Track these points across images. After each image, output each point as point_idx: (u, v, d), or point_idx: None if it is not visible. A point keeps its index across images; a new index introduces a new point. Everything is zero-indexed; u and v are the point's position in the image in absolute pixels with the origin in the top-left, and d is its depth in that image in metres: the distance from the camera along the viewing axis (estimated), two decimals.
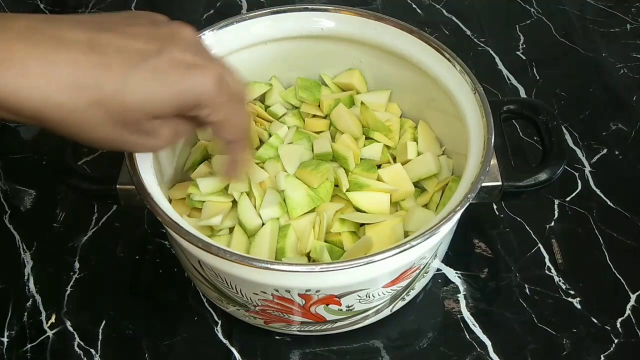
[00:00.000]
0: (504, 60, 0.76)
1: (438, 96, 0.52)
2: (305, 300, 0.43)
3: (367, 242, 0.46)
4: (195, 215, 0.50)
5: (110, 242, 0.58)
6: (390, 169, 0.52)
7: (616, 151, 0.66)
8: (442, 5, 0.84)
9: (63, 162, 0.47)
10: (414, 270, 0.45)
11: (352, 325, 0.50)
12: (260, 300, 0.44)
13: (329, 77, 0.59)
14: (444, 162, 0.53)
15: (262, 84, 0.58)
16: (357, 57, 0.57)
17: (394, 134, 0.56)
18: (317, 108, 0.57)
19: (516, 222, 0.60)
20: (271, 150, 0.52)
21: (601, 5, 0.84)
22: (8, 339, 0.52)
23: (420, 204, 0.52)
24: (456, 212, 0.40)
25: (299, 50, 0.56)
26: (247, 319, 0.50)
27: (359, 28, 0.53)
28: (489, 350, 0.51)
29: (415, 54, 0.52)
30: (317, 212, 0.50)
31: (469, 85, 0.48)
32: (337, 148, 0.53)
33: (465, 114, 0.48)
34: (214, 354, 0.51)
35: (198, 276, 0.47)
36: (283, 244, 0.47)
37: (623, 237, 0.59)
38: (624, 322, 0.53)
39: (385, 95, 0.57)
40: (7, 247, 0.58)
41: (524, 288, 0.55)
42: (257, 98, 0.58)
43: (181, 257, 0.49)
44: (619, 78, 0.74)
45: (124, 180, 0.45)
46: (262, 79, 0.59)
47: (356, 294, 0.43)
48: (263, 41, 0.55)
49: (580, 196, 0.62)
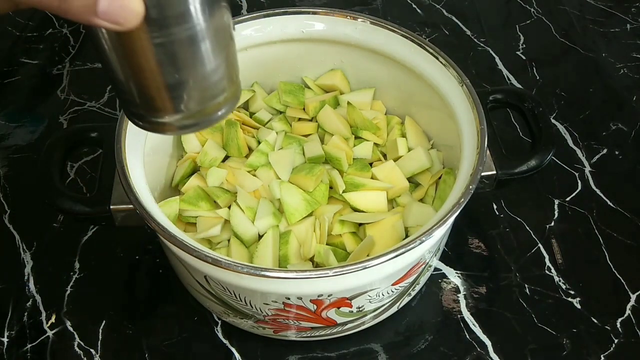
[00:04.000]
0: (504, 60, 0.76)
1: (422, 91, 0.52)
2: (317, 306, 0.43)
3: (371, 241, 0.46)
4: (190, 231, 0.50)
5: (110, 242, 0.58)
6: (384, 166, 0.52)
7: (616, 151, 0.66)
8: (442, 5, 0.84)
9: (52, 187, 0.45)
10: (420, 265, 0.45)
11: (361, 327, 0.50)
12: (270, 310, 0.44)
13: (311, 80, 0.59)
14: (434, 156, 0.53)
15: (245, 91, 0.58)
16: (339, 57, 0.57)
17: (382, 132, 0.56)
18: (303, 111, 0.57)
19: (516, 222, 0.60)
20: (262, 158, 0.52)
21: (601, 5, 0.84)
22: (8, 339, 0.52)
23: (416, 198, 0.52)
24: (461, 204, 0.41)
25: (280, 55, 0.56)
26: (254, 330, 0.50)
27: (339, 29, 0.53)
28: (489, 350, 0.51)
29: (399, 50, 0.52)
30: (315, 216, 0.50)
31: (455, 79, 0.48)
32: (329, 150, 0.53)
33: (453, 107, 0.48)
34: (214, 354, 0.51)
35: (202, 291, 0.46)
36: (286, 251, 0.47)
37: (623, 237, 0.59)
38: (624, 322, 0.53)
39: (370, 94, 0.58)
40: (7, 247, 0.58)
41: (524, 288, 0.55)
42: (240, 105, 0.58)
43: (183, 274, 0.48)
44: (619, 78, 0.74)
45: (117, 200, 0.44)
46: (244, 86, 0.58)
47: (367, 294, 0.43)
48: (244, 48, 0.54)
49: (580, 196, 0.62)
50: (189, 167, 0.53)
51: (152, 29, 0.30)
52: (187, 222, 0.50)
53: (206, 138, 0.55)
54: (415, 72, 0.51)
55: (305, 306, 0.43)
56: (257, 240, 0.49)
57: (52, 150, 0.47)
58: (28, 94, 0.73)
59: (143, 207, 0.41)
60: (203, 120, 0.35)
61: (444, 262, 0.57)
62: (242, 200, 0.49)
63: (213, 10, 0.31)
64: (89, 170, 0.64)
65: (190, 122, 0.35)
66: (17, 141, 0.67)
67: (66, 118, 0.69)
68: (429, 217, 0.47)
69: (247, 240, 0.48)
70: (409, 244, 0.39)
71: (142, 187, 0.43)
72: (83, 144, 0.50)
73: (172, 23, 0.30)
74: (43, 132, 0.68)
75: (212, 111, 0.35)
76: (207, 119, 0.35)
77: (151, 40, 0.30)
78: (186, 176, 0.53)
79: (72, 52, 0.77)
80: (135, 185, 0.42)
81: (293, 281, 0.40)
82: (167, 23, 0.30)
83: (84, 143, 0.50)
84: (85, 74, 0.74)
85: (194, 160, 0.54)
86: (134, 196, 0.41)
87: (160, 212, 0.42)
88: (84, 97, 0.71)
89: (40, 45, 0.78)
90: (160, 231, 0.40)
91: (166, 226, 0.40)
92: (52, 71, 0.75)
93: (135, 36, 0.30)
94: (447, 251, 0.57)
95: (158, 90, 0.33)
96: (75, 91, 0.72)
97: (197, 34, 0.31)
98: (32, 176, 0.63)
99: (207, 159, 0.53)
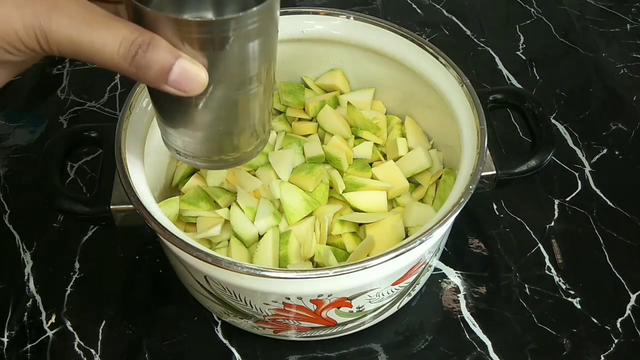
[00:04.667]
0: (504, 60, 0.76)
1: (422, 91, 0.52)
2: (317, 306, 0.43)
3: (371, 242, 0.46)
4: (190, 230, 0.50)
5: (110, 242, 0.58)
6: (384, 166, 0.52)
7: (616, 151, 0.66)
8: (442, 5, 0.84)
9: (51, 186, 0.45)
10: (420, 265, 0.45)
11: (361, 326, 0.50)
12: (270, 310, 0.44)
13: (311, 80, 0.59)
14: (434, 156, 0.53)
15: None
16: (339, 57, 0.57)
17: (382, 132, 0.56)
18: (303, 111, 0.57)
19: (516, 222, 0.60)
20: (262, 157, 0.52)
21: (601, 5, 0.84)
22: (8, 339, 0.52)
23: (416, 198, 0.52)
24: (461, 204, 0.41)
25: (280, 55, 0.56)
26: (254, 330, 0.50)
27: (339, 29, 0.53)
28: (489, 350, 0.51)
29: (399, 50, 0.52)
30: (315, 216, 0.50)
31: (455, 79, 0.48)
32: (329, 150, 0.53)
33: (453, 107, 0.48)
34: (214, 354, 0.51)
35: (203, 291, 0.46)
36: (286, 251, 0.47)
37: (623, 237, 0.59)
38: (624, 322, 0.53)
39: (370, 94, 0.57)
40: (7, 247, 0.58)
41: (524, 288, 0.55)
42: None
43: (183, 274, 0.48)
44: (619, 78, 0.74)
45: (117, 200, 0.44)
46: None
47: (367, 294, 0.43)
48: None
49: (580, 196, 0.62)
50: (189, 167, 0.53)
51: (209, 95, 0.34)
52: (187, 222, 0.50)
53: None
54: (415, 72, 0.51)
55: (305, 306, 0.43)
56: (257, 240, 0.49)
57: (52, 150, 0.47)
58: (28, 94, 0.73)
59: (143, 207, 0.41)
60: (240, 160, 0.40)
61: (444, 262, 0.57)
62: (242, 200, 0.49)
63: (263, 81, 0.35)
64: (89, 170, 0.64)
65: (228, 162, 0.40)
66: (17, 141, 0.67)
67: (66, 118, 0.69)
68: (429, 217, 0.47)
69: (247, 240, 0.48)
70: (409, 244, 0.39)
71: (142, 187, 0.43)
72: (83, 144, 0.50)
73: (229, 92, 0.34)
74: (43, 132, 0.68)
75: (249, 154, 0.40)
76: (242, 160, 0.41)
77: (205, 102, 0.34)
78: (186, 176, 0.53)
79: None
80: (135, 185, 0.42)
81: (293, 281, 0.40)
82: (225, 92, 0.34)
83: (84, 143, 0.50)
84: (85, 74, 0.74)
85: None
86: (134, 196, 0.41)
87: (160, 212, 0.42)
88: (84, 97, 0.71)
89: None
90: (160, 231, 0.40)
91: (166, 226, 0.40)
92: (52, 71, 0.75)
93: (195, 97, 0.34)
94: (447, 251, 0.57)
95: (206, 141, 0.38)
96: (75, 91, 0.72)
97: (248, 100, 0.35)
98: (32, 176, 0.63)
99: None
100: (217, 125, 0.36)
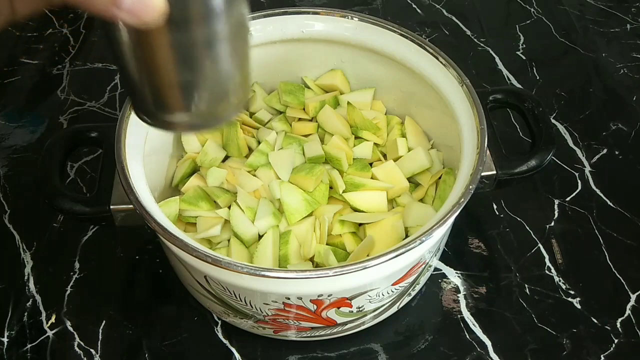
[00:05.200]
0: (504, 60, 0.76)
1: (422, 91, 0.52)
2: (317, 306, 0.43)
3: (371, 242, 0.46)
4: (190, 230, 0.50)
5: (110, 242, 0.58)
6: (384, 166, 0.52)
7: (616, 151, 0.66)
8: (442, 5, 0.84)
9: (51, 186, 0.45)
10: (420, 265, 0.46)
11: (361, 326, 0.50)
12: (270, 310, 0.44)
13: (311, 80, 0.59)
14: (434, 156, 0.53)
15: None
16: (339, 57, 0.57)
17: (382, 132, 0.56)
18: (303, 111, 0.57)
19: (516, 222, 0.60)
20: (262, 158, 0.52)
21: (601, 5, 0.84)
22: (8, 339, 0.52)
23: (416, 198, 0.52)
24: (461, 204, 0.41)
25: (280, 55, 0.56)
26: (254, 330, 0.50)
27: (339, 29, 0.53)
28: (489, 350, 0.51)
29: (399, 50, 0.52)
30: (315, 216, 0.50)
31: (455, 79, 0.48)
32: (329, 150, 0.53)
33: (453, 107, 0.48)
34: (214, 354, 0.51)
35: (203, 291, 0.46)
36: (286, 251, 0.47)
37: (623, 237, 0.59)
38: (624, 322, 0.53)
39: (370, 94, 0.58)
40: (7, 247, 0.58)
41: (524, 288, 0.55)
42: None
43: (183, 274, 0.48)
44: (619, 78, 0.74)
45: (117, 200, 0.44)
46: None
47: (367, 294, 0.43)
48: None
49: (580, 196, 0.62)
50: (189, 167, 0.53)
51: (172, 28, 0.30)
52: (187, 222, 0.50)
53: (206, 138, 0.55)
54: (415, 72, 0.51)
55: (305, 306, 0.43)
56: (257, 240, 0.49)
57: (52, 150, 0.47)
58: (28, 94, 0.73)
59: (143, 207, 0.41)
60: (210, 121, 0.35)
61: (444, 262, 0.57)
62: (242, 200, 0.49)
63: (233, 15, 0.31)
64: (89, 170, 0.64)
65: (198, 122, 0.35)
66: (17, 141, 0.67)
67: (66, 118, 0.69)
68: (429, 217, 0.47)
69: (247, 240, 0.48)
70: (409, 244, 0.39)
71: (142, 187, 0.43)
72: (83, 144, 0.50)
73: (192, 24, 0.30)
74: (43, 132, 0.68)
75: (221, 113, 0.35)
76: (215, 121, 0.35)
77: (169, 39, 0.30)
78: (186, 176, 0.53)
79: (72, 52, 0.77)
80: (135, 185, 0.42)
81: (293, 281, 0.40)
82: (187, 23, 0.30)
83: (84, 143, 0.50)
84: (85, 74, 0.74)
85: (194, 160, 0.53)
86: (134, 196, 0.41)
87: (160, 212, 0.42)
88: (84, 97, 0.71)
89: (40, 45, 0.78)
90: (160, 231, 0.40)
91: (166, 226, 0.40)
92: (52, 71, 0.75)
93: (154, 34, 0.30)
94: (447, 251, 0.57)
95: (170, 89, 0.33)
96: (75, 91, 0.72)
97: (215, 38, 0.31)
98: (32, 176, 0.63)
99: (207, 159, 0.53)
100: (178, 74, 0.32)
